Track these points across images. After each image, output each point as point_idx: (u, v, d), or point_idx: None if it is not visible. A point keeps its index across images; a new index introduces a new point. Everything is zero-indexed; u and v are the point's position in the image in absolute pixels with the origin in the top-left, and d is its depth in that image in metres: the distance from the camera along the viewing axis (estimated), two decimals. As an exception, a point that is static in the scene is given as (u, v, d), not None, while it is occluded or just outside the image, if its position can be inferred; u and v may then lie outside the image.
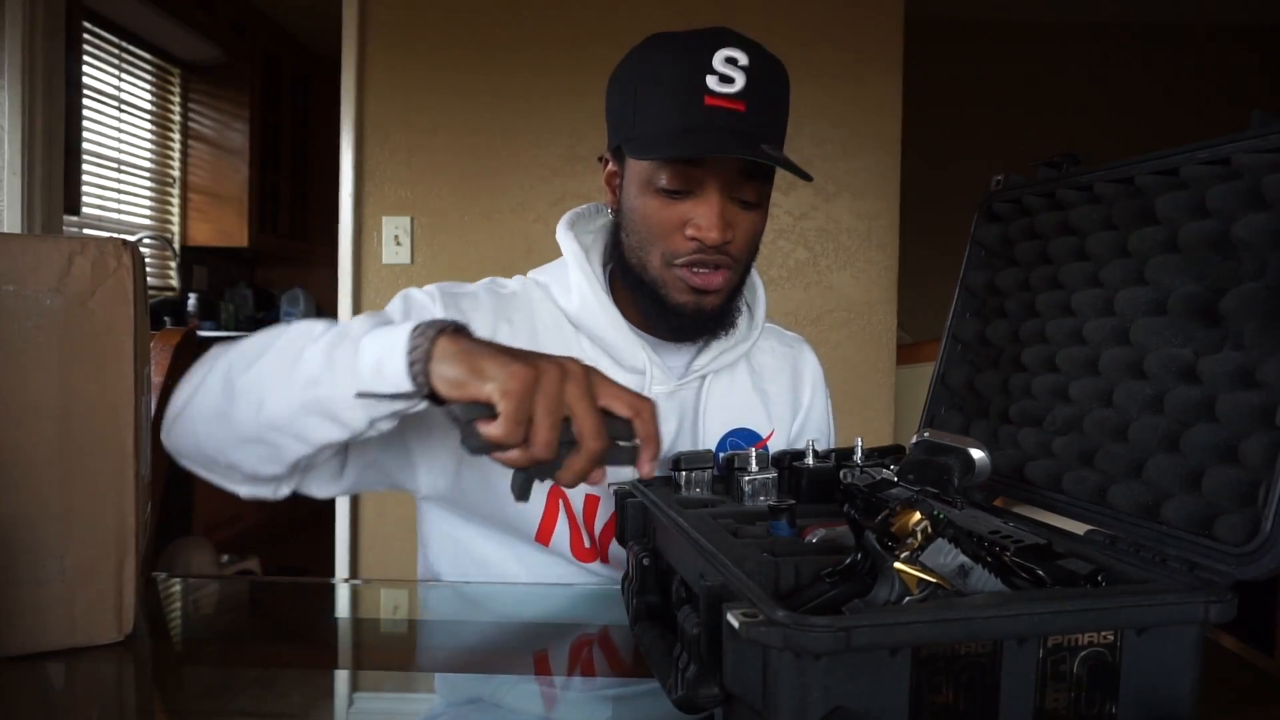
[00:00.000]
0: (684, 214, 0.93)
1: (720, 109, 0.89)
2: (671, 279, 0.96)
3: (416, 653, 0.87)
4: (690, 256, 0.94)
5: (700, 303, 0.97)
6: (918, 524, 0.63)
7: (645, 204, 0.94)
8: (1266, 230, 0.66)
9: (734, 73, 0.90)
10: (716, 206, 0.92)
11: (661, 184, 0.92)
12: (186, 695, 0.77)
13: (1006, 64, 4.44)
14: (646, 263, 0.96)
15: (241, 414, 0.76)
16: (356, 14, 2.42)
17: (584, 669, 0.81)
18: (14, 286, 0.74)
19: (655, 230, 0.94)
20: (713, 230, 0.91)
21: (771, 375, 1.13)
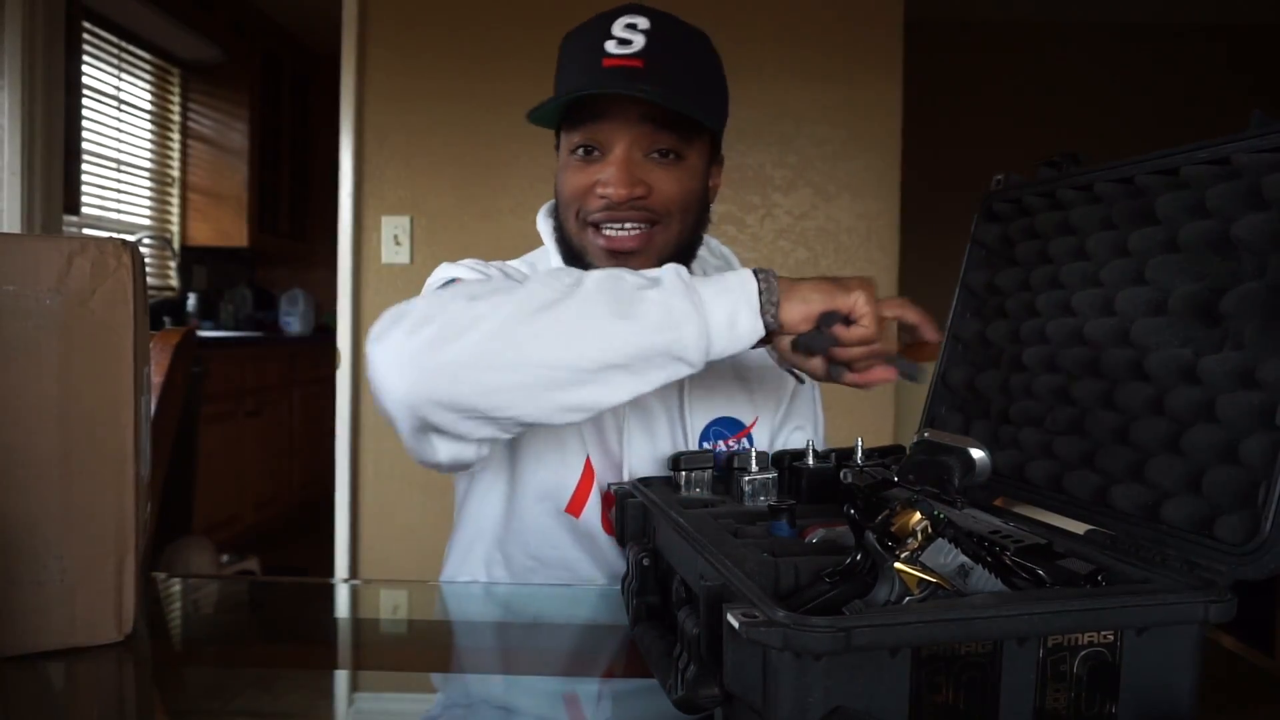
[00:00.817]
0: (594, 174, 0.95)
1: (617, 68, 0.91)
2: (589, 243, 0.97)
3: (416, 653, 0.87)
4: (602, 214, 0.95)
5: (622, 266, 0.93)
6: (918, 524, 0.63)
7: (565, 173, 0.98)
8: (1266, 230, 0.66)
9: (632, 35, 0.93)
10: (621, 162, 0.93)
11: (575, 148, 0.95)
12: (186, 695, 0.77)
13: (1006, 64, 4.44)
14: (568, 230, 0.99)
15: (561, 358, 0.73)
16: (356, 14, 2.42)
17: (584, 669, 0.81)
18: (14, 286, 0.74)
19: (571, 193, 0.97)
20: (619, 186, 0.93)
21: (755, 360, 1.12)
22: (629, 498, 0.87)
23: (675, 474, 0.90)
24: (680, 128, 0.94)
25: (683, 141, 0.95)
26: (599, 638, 0.89)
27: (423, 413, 0.76)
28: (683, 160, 0.96)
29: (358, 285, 2.46)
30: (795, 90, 2.44)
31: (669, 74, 0.92)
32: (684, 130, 0.95)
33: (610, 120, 0.93)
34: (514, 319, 0.74)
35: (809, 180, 2.46)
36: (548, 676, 0.78)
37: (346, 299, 2.45)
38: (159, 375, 1.36)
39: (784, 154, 2.44)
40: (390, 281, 2.46)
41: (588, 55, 0.93)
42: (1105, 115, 4.31)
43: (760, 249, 2.47)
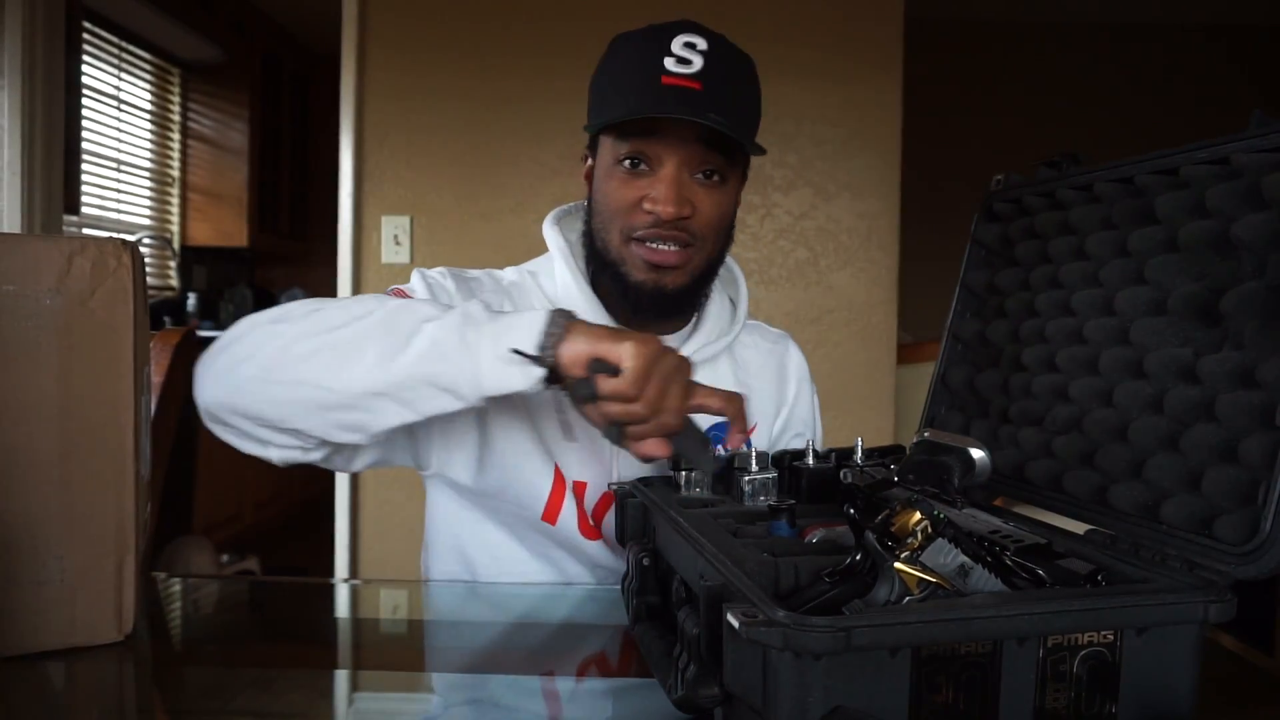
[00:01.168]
0: (642, 189, 0.94)
1: (676, 87, 0.91)
2: (630, 255, 0.97)
3: (416, 653, 0.87)
4: (647, 230, 0.95)
5: (660, 281, 0.97)
6: (918, 524, 0.63)
7: (608, 183, 0.96)
8: (1266, 230, 0.66)
9: (691, 55, 0.92)
10: (671, 180, 0.93)
11: (622, 159, 0.94)
12: (186, 695, 0.77)
13: (1006, 64, 4.44)
14: (608, 242, 0.98)
15: (327, 380, 0.79)
16: (356, 14, 2.42)
17: (584, 669, 0.81)
18: (14, 286, 0.74)
19: (616, 206, 0.96)
20: (668, 204, 0.92)
21: (756, 370, 1.13)
22: (629, 498, 0.87)
23: (675, 474, 0.90)
24: (728, 152, 0.96)
25: (728, 164, 0.97)
26: (599, 638, 0.89)
27: (220, 416, 0.86)
28: (725, 183, 0.97)
29: (358, 285, 2.46)
30: (795, 90, 2.44)
31: (724, 98, 0.93)
32: (731, 154, 0.96)
33: (665, 138, 0.93)
34: (299, 340, 0.80)
35: (809, 180, 2.46)
36: (548, 676, 0.78)
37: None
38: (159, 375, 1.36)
39: (784, 154, 2.44)
40: (390, 281, 2.45)
41: (646, 69, 0.92)
42: (1105, 115, 4.31)
43: (760, 249, 2.47)
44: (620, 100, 0.93)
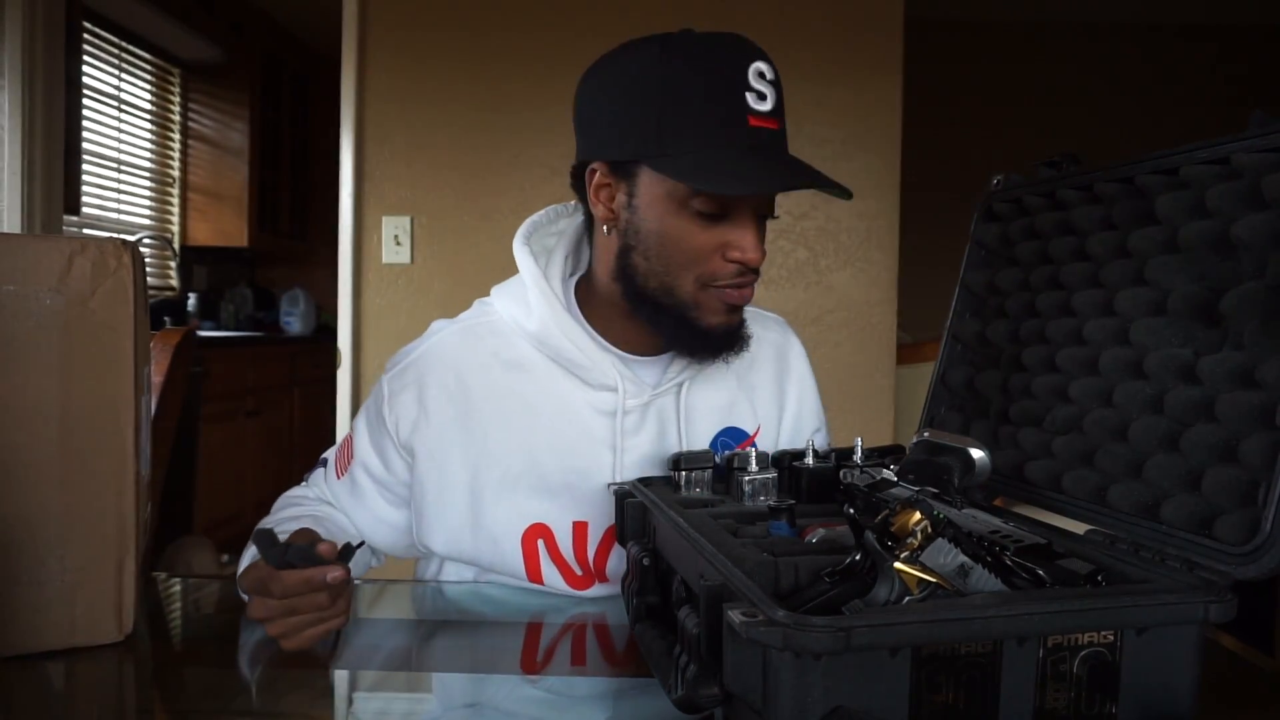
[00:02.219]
0: (721, 236, 0.89)
1: (763, 129, 0.87)
2: (706, 300, 0.92)
3: (416, 653, 0.87)
4: (730, 280, 0.91)
5: (731, 321, 0.95)
6: (918, 524, 0.63)
7: (678, 226, 0.89)
8: (1266, 230, 0.66)
9: (766, 89, 0.87)
10: (756, 229, 0.90)
11: (699, 206, 0.88)
12: (186, 695, 0.77)
13: (1006, 64, 4.44)
14: (675, 286, 0.91)
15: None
16: (356, 14, 2.42)
17: (584, 669, 0.81)
18: (14, 286, 0.74)
19: (691, 254, 0.90)
20: (757, 253, 0.90)
21: (758, 365, 1.10)
22: (629, 497, 0.87)
23: (675, 474, 0.90)
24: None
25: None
26: (599, 638, 0.89)
27: None
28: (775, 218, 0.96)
29: (358, 285, 2.46)
30: (795, 90, 2.43)
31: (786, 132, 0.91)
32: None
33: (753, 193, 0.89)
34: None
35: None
36: (548, 676, 0.78)
37: (347, 299, 2.45)
38: (159, 375, 1.36)
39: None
40: (391, 281, 2.46)
41: (727, 108, 0.85)
42: (1105, 115, 4.31)
43: (760, 249, 2.47)
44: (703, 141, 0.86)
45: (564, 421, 0.99)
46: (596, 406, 0.99)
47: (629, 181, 0.91)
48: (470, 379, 0.99)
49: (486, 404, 0.99)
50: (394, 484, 1.02)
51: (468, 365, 1.00)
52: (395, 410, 1.00)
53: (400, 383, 1.01)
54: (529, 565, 0.99)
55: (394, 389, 1.00)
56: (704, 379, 1.04)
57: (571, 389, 0.99)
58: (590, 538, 0.99)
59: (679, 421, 1.02)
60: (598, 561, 1.00)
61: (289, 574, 0.77)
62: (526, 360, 1.00)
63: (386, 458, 1.01)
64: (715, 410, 1.05)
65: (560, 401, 0.99)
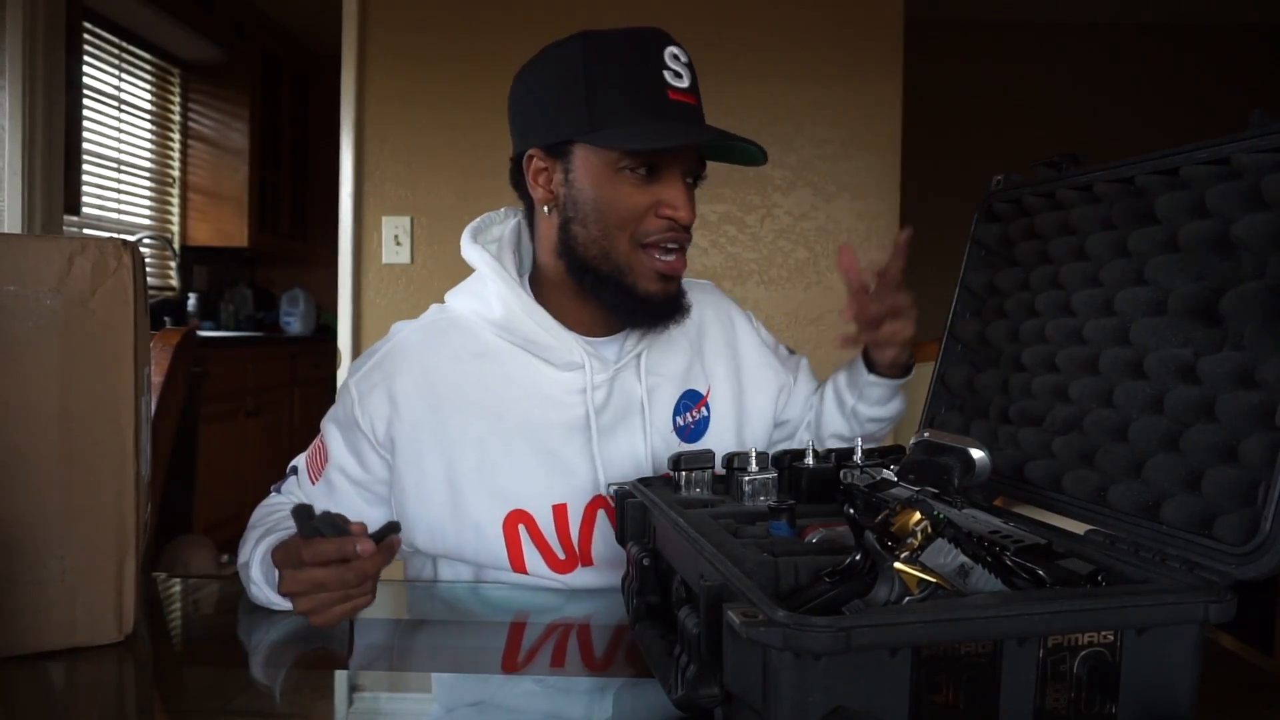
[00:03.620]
0: (653, 196, 0.96)
1: (680, 102, 0.94)
2: (639, 264, 0.97)
3: (416, 653, 0.87)
4: (661, 235, 0.96)
5: (667, 289, 0.99)
6: (918, 524, 0.63)
7: (612, 190, 0.96)
8: (1266, 230, 0.66)
9: (681, 69, 0.96)
10: (684, 187, 0.96)
11: (634, 167, 0.95)
12: (186, 695, 0.77)
13: (1006, 64, 4.44)
14: (611, 249, 0.97)
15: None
16: (356, 14, 2.42)
17: (584, 669, 0.81)
18: (14, 286, 0.74)
19: (625, 213, 0.96)
20: (687, 210, 0.96)
21: (706, 329, 1.14)
22: (629, 498, 0.87)
23: (675, 474, 0.90)
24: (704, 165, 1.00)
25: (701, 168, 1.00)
26: (599, 638, 0.89)
27: None
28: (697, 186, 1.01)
29: (358, 285, 2.46)
30: (795, 91, 2.44)
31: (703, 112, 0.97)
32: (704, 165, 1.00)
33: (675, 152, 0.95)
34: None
35: (809, 180, 2.46)
36: (548, 676, 0.78)
37: (347, 299, 2.45)
38: (159, 375, 1.36)
39: (784, 154, 2.44)
40: (391, 281, 2.46)
41: (649, 84, 0.94)
42: (1105, 115, 4.31)
43: (760, 249, 2.47)
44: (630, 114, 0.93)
45: (535, 404, 1.01)
46: (566, 386, 1.02)
47: (564, 160, 0.98)
48: (438, 374, 1.02)
49: (456, 395, 1.01)
50: (372, 483, 1.03)
51: (433, 361, 1.02)
52: (368, 410, 1.01)
53: (369, 383, 1.02)
54: (511, 552, 1.00)
55: (363, 390, 1.02)
56: (660, 350, 1.08)
57: (539, 371, 1.02)
58: (571, 519, 1.01)
59: (643, 393, 1.05)
60: (582, 543, 1.01)
61: (319, 541, 0.80)
62: (492, 349, 1.03)
63: (363, 459, 1.02)
64: (675, 377, 1.09)
65: (529, 385, 1.02)
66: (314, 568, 0.80)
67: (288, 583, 0.82)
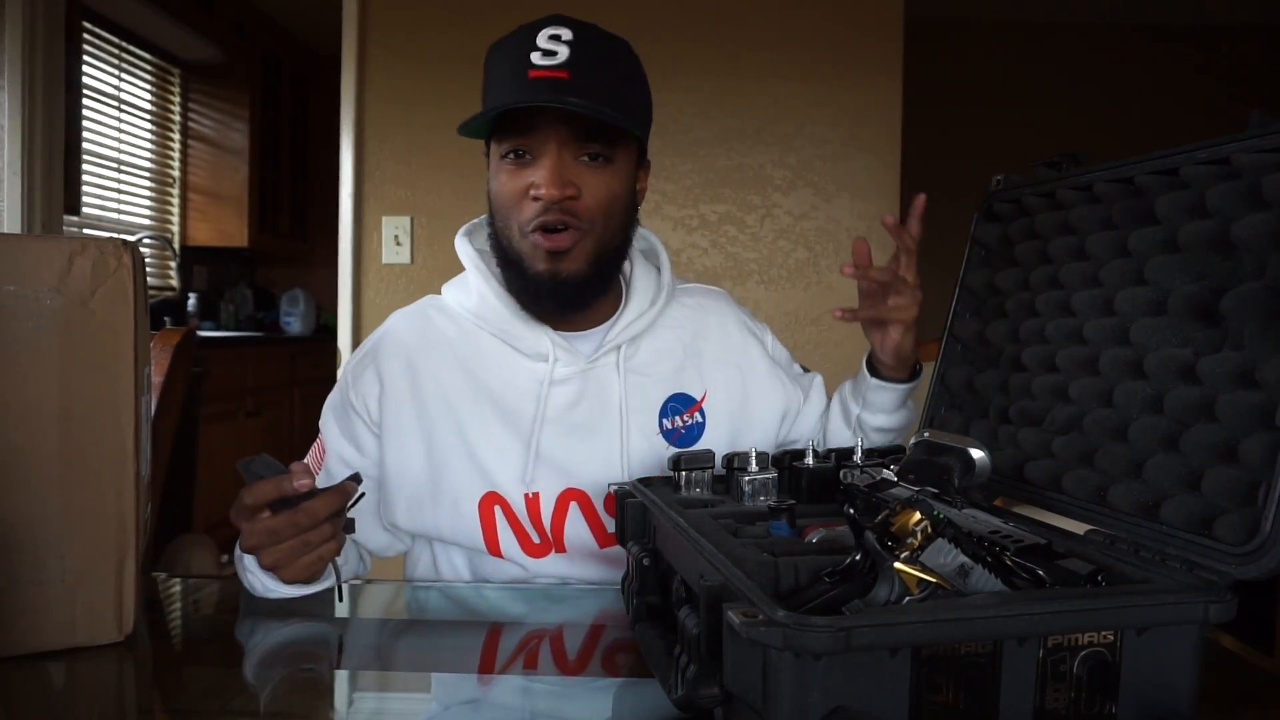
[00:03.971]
0: (527, 178, 0.97)
1: (542, 79, 0.94)
2: (528, 248, 0.98)
3: (416, 653, 0.87)
4: (538, 219, 0.96)
5: (556, 270, 0.98)
6: (918, 524, 0.63)
7: (497, 178, 1.00)
8: (1266, 230, 0.66)
9: (556, 47, 0.94)
10: (552, 164, 0.95)
11: (504, 154, 0.98)
12: (186, 695, 0.77)
13: (1006, 64, 4.44)
14: (509, 238, 0.99)
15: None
16: (356, 14, 2.42)
17: (584, 669, 0.81)
18: (14, 286, 0.74)
19: (507, 200, 0.98)
20: (550, 186, 0.94)
21: (705, 333, 1.12)
22: (629, 498, 0.87)
23: (675, 474, 0.90)
24: (607, 133, 0.97)
25: (610, 146, 0.98)
26: (599, 638, 0.89)
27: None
28: (611, 163, 0.98)
29: (358, 285, 2.46)
30: (795, 90, 2.44)
31: (593, 83, 0.94)
32: (610, 136, 0.97)
33: (540, 130, 0.95)
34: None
35: (809, 180, 2.46)
36: (548, 676, 0.78)
37: (347, 299, 2.45)
38: (159, 375, 1.36)
39: (784, 154, 2.44)
40: (391, 281, 2.46)
41: (513, 67, 0.95)
42: (1105, 115, 4.31)
43: (760, 249, 2.47)
44: (491, 100, 0.97)
45: (508, 391, 1.04)
46: (535, 376, 1.04)
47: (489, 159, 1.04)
48: (420, 355, 1.05)
49: (438, 376, 1.04)
50: (370, 467, 1.05)
51: (417, 343, 1.06)
52: (360, 391, 1.05)
53: (360, 367, 1.06)
54: (487, 532, 1.02)
55: (355, 374, 1.06)
56: (649, 348, 1.08)
57: (512, 361, 1.04)
58: (543, 506, 1.02)
59: (622, 391, 1.05)
60: (555, 530, 1.02)
61: (259, 483, 0.81)
62: (471, 335, 1.06)
63: (359, 441, 1.05)
64: (663, 377, 1.08)
65: (503, 372, 1.04)
66: (266, 519, 0.82)
67: (245, 537, 0.84)
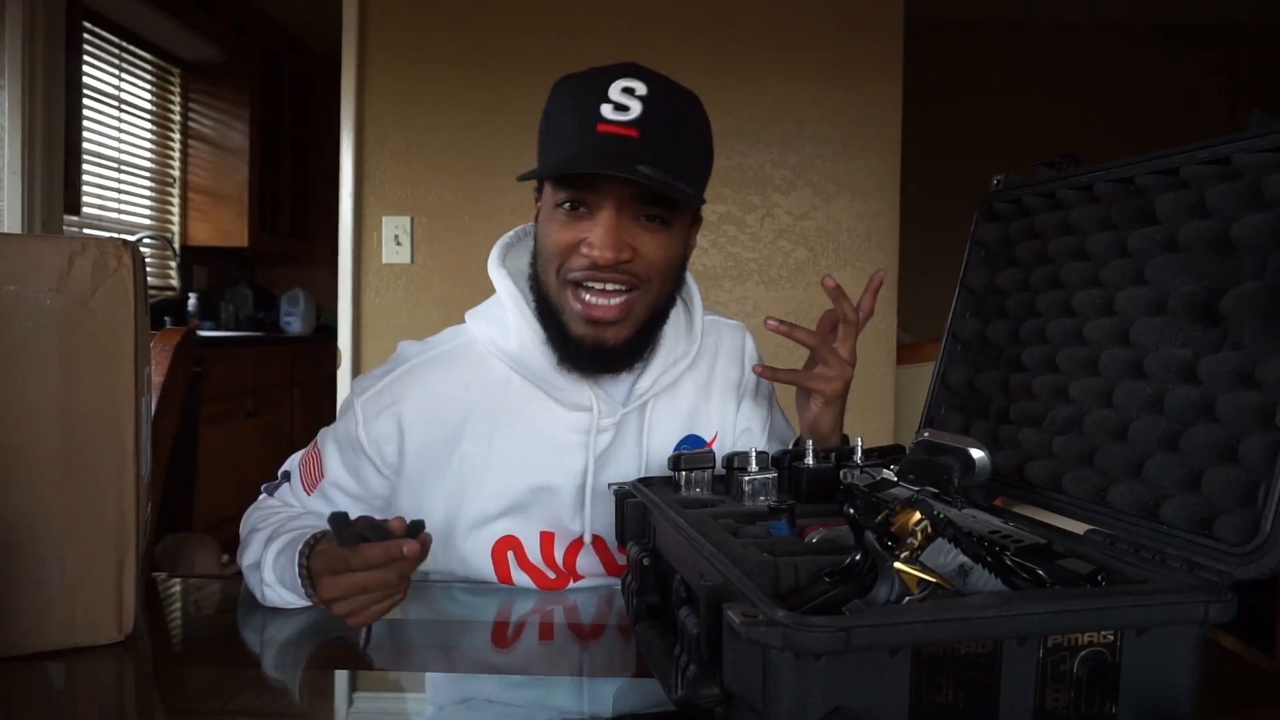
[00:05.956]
0: (581, 232, 0.93)
1: (611, 135, 0.90)
2: (567, 304, 0.95)
3: (416, 653, 0.87)
4: (583, 272, 0.93)
5: (599, 337, 0.95)
6: (918, 524, 0.63)
7: (549, 223, 0.95)
8: (1266, 230, 0.66)
9: (629, 101, 0.91)
10: (609, 225, 0.91)
11: (561, 203, 0.93)
12: (186, 695, 0.77)
13: (1006, 64, 4.44)
14: (548, 283, 0.96)
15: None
16: (356, 14, 2.42)
17: (584, 669, 0.81)
18: (14, 286, 0.74)
19: (554, 248, 0.94)
20: (605, 249, 0.91)
21: (717, 373, 1.11)
22: (629, 497, 0.87)
23: (675, 474, 0.90)
24: (668, 199, 0.93)
25: (670, 210, 0.94)
26: (599, 637, 0.89)
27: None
28: (669, 226, 0.95)
29: (358, 285, 2.46)
30: (795, 90, 2.44)
31: (662, 145, 0.91)
32: (671, 201, 0.93)
33: (601, 187, 0.91)
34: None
35: (809, 180, 2.46)
36: (548, 676, 0.78)
37: (347, 299, 2.45)
38: (159, 375, 1.36)
39: (784, 154, 2.44)
40: (391, 281, 2.46)
41: (581, 115, 0.91)
42: (1105, 115, 4.31)
43: (760, 249, 2.47)
44: (558, 148, 0.93)
45: (538, 441, 1.01)
46: (572, 426, 1.01)
47: (540, 195, 1.00)
48: (448, 404, 1.01)
49: (465, 429, 1.01)
50: (370, 498, 1.04)
51: (445, 391, 1.01)
52: (373, 434, 1.00)
53: (375, 406, 1.01)
54: (499, 575, 1.03)
55: (369, 413, 1.01)
56: (667, 391, 1.06)
57: (546, 409, 1.01)
58: (558, 545, 1.03)
59: (643, 435, 1.04)
60: (567, 564, 1.03)
61: (367, 547, 0.79)
62: (502, 382, 1.02)
63: (362, 477, 1.03)
64: (678, 420, 1.07)
65: (535, 421, 1.01)
66: (358, 572, 0.80)
67: (328, 589, 0.82)
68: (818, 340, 1.03)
